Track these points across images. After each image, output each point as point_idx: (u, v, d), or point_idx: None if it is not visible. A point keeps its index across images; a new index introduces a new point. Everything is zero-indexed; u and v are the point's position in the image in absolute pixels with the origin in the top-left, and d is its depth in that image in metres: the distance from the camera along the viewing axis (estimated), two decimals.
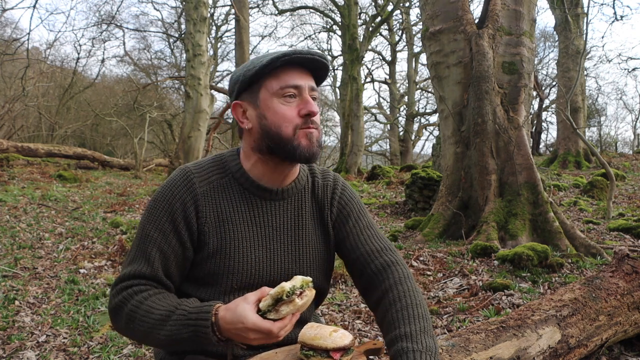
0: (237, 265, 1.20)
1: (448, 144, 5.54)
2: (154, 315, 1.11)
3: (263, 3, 20.65)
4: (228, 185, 1.23)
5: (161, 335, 1.10)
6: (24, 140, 16.09)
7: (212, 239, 1.20)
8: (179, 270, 1.22)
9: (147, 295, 1.15)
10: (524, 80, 5.25)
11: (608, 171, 6.29)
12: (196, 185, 1.20)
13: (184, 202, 1.19)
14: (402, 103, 23.37)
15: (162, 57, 24.28)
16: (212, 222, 1.20)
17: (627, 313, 2.22)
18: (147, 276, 1.18)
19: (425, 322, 1.14)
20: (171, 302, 1.13)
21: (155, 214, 1.20)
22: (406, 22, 20.95)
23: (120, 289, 1.18)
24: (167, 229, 1.18)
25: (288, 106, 1.17)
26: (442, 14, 5.52)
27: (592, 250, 4.35)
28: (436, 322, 2.96)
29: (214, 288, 1.21)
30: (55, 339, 2.88)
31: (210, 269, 1.20)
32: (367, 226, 1.34)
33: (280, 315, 1.04)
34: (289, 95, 1.16)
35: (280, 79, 1.16)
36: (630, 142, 25.28)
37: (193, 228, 1.19)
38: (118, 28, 19.51)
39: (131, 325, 1.14)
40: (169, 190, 1.21)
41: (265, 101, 1.17)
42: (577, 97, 12.71)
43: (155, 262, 1.18)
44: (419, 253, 4.43)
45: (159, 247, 1.18)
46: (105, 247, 5.06)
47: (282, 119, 1.16)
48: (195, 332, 1.07)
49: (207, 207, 1.20)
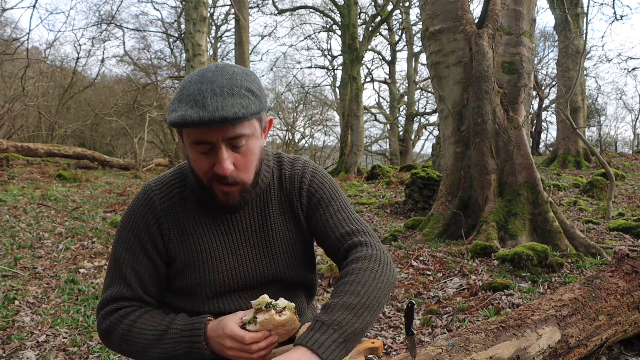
0: (208, 277, 1.21)
1: (448, 144, 5.54)
2: (147, 336, 1.15)
3: (263, 3, 20.67)
4: (189, 199, 1.21)
5: (156, 353, 1.14)
6: (24, 140, 16.08)
7: (180, 254, 1.20)
8: (156, 286, 1.24)
9: (135, 317, 1.18)
10: (524, 80, 5.25)
11: (608, 171, 6.29)
12: (157, 204, 1.20)
13: (146, 222, 1.20)
14: (402, 103, 23.37)
15: (162, 57, 24.26)
16: (177, 238, 1.20)
17: (627, 313, 2.22)
18: (129, 297, 1.21)
19: (355, 299, 1.02)
20: (162, 321, 1.16)
21: (124, 235, 1.22)
22: (406, 22, 20.95)
23: (107, 313, 1.20)
24: (136, 249, 1.20)
25: (203, 158, 1.08)
26: (442, 14, 5.52)
27: (592, 250, 4.35)
28: (436, 322, 2.96)
29: (192, 298, 1.24)
30: (55, 339, 2.88)
31: (184, 282, 1.22)
32: (338, 210, 1.26)
33: (257, 326, 1.07)
34: (202, 152, 1.07)
35: (190, 134, 1.06)
36: (630, 142, 25.29)
37: (160, 246, 1.21)
38: (118, 28, 19.52)
39: (124, 346, 1.18)
40: (132, 211, 1.22)
41: (186, 144, 1.11)
42: (577, 97, 12.70)
43: (132, 282, 1.20)
44: (419, 253, 4.43)
45: (132, 267, 1.20)
46: (105, 247, 5.06)
47: (197, 167, 1.11)
48: (190, 348, 1.12)
49: (169, 223, 1.20)
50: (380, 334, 2.87)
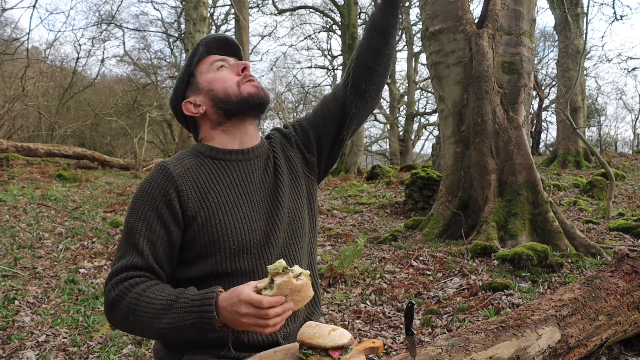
0: (230, 227, 1.24)
1: (448, 144, 5.54)
2: (156, 305, 1.13)
3: (263, 3, 20.66)
4: (202, 163, 1.32)
5: (164, 324, 1.11)
6: (24, 140, 16.07)
7: (200, 211, 1.24)
8: (168, 257, 1.24)
9: (145, 287, 1.17)
10: (524, 80, 5.25)
11: (608, 171, 6.29)
12: (171, 170, 1.26)
13: (163, 188, 1.24)
14: (402, 103, 23.36)
15: (162, 57, 24.22)
16: (196, 196, 1.25)
17: (627, 313, 2.22)
18: (141, 267, 1.20)
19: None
20: (172, 292, 1.15)
21: (138, 206, 1.24)
22: (406, 22, 20.93)
23: (116, 282, 1.18)
24: (150, 217, 1.22)
25: (224, 71, 1.36)
26: (442, 14, 5.52)
27: (592, 250, 4.35)
28: (436, 322, 2.97)
29: (215, 257, 1.23)
30: (55, 339, 2.88)
31: (205, 240, 1.23)
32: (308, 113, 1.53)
33: (274, 290, 1.03)
34: (221, 67, 1.36)
35: (207, 61, 1.38)
36: (630, 142, 25.28)
37: (176, 209, 1.23)
38: (118, 28, 19.50)
39: (131, 317, 1.15)
40: (147, 184, 1.26)
41: (205, 79, 1.36)
42: (577, 97, 12.70)
43: (145, 251, 1.20)
44: (419, 253, 4.43)
45: (146, 236, 1.21)
46: (105, 247, 5.06)
47: (224, 80, 1.34)
48: (200, 318, 1.08)
49: (186, 184, 1.26)
50: (380, 334, 2.87)
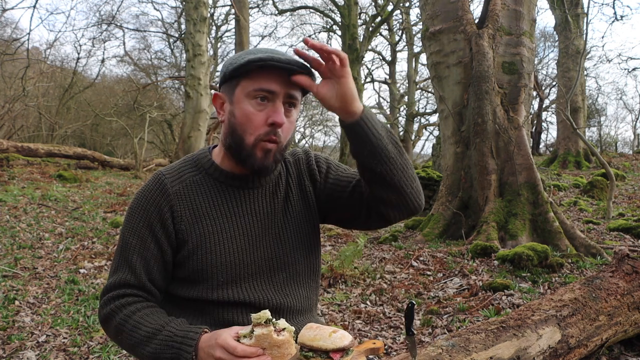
0: (220, 258, 1.21)
1: (448, 144, 5.54)
2: (141, 332, 1.14)
3: (263, 3, 20.64)
4: (202, 182, 1.24)
5: (146, 352, 1.13)
6: (24, 140, 16.06)
7: (191, 236, 1.21)
8: (161, 275, 1.24)
9: (135, 309, 1.18)
10: (524, 80, 5.25)
11: (608, 171, 6.29)
12: (168, 187, 1.22)
13: (158, 205, 1.21)
14: (402, 103, 23.35)
15: (162, 57, 24.20)
16: (189, 220, 1.21)
17: (627, 313, 2.22)
18: (133, 284, 1.20)
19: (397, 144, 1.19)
20: (159, 320, 1.15)
21: (133, 221, 1.22)
22: (406, 22, 20.93)
23: (109, 299, 1.20)
24: (144, 234, 1.21)
25: (257, 111, 1.15)
26: (442, 14, 5.52)
27: (592, 250, 4.35)
28: (436, 322, 2.97)
29: (202, 285, 1.22)
30: (55, 339, 2.88)
31: (194, 267, 1.21)
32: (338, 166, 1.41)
33: (252, 340, 1.02)
34: (261, 98, 1.15)
35: (255, 81, 1.14)
36: (630, 142, 25.26)
37: (169, 229, 1.21)
38: (118, 28, 19.47)
39: (119, 336, 1.18)
40: (142, 196, 1.23)
41: (239, 100, 1.17)
42: (577, 97, 12.70)
43: (138, 268, 1.20)
44: (419, 253, 4.43)
45: (139, 253, 1.21)
46: (105, 247, 5.06)
47: (248, 122, 1.16)
48: (178, 355, 1.09)
49: (181, 205, 1.21)
50: (380, 334, 2.87)
